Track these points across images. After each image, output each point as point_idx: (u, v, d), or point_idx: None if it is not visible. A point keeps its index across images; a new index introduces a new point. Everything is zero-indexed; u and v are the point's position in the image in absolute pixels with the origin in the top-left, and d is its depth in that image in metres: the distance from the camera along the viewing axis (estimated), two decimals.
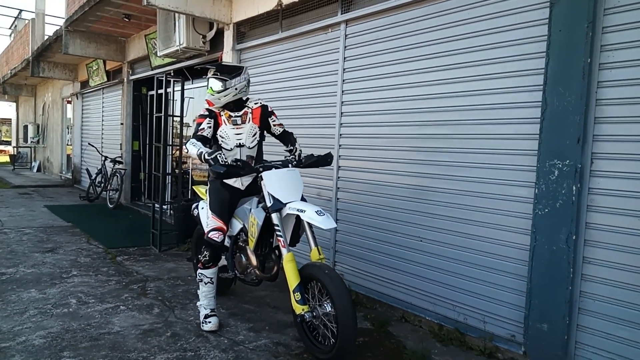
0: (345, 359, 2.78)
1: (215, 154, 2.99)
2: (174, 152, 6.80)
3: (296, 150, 3.42)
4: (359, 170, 4.19)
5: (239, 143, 3.33)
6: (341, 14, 4.32)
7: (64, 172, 13.79)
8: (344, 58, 4.32)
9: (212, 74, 3.30)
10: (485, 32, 3.21)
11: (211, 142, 3.33)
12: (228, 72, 3.28)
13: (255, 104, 3.43)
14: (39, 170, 16.27)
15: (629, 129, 2.56)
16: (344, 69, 4.33)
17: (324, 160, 3.36)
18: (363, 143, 4.14)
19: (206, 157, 3.00)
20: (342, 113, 4.34)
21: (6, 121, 38.82)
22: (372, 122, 4.04)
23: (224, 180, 3.36)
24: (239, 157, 3.29)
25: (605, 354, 2.63)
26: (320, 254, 3.05)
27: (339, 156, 4.33)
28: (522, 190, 2.98)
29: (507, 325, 3.06)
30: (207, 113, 3.33)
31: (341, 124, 4.35)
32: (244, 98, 3.43)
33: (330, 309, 2.83)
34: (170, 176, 7.28)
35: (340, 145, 4.35)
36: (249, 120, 3.35)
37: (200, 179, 7.87)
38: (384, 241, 3.90)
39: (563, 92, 2.73)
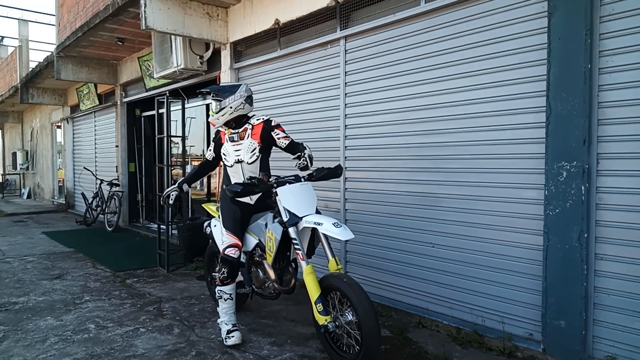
0: None
1: (165, 192, 3.89)
2: (174, 172, 6.83)
3: (303, 157, 3.30)
4: (366, 181, 4.28)
5: (238, 159, 3.40)
6: (340, 30, 4.44)
7: (56, 198, 13.66)
8: (345, 72, 4.44)
9: (211, 96, 3.41)
10: (485, 43, 3.34)
11: (212, 164, 3.77)
12: (224, 92, 3.38)
13: (258, 119, 3.43)
14: (29, 196, 16.09)
15: (631, 129, 2.70)
16: (345, 83, 4.44)
17: (335, 173, 3.42)
18: (369, 154, 4.24)
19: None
20: (346, 125, 4.44)
21: None
22: (377, 133, 4.15)
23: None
24: (241, 174, 3.39)
25: (622, 346, 2.73)
26: (338, 265, 3.11)
27: (345, 167, 4.42)
28: (532, 193, 3.09)
29: (524, 324, 3.15)
30: (214, 136, 3.66)
31: (346, 136, 4.45)
32: (249, 114, 3.51)
33: (352, 317, 2.89)
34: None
35: (346, 157, 4.44)
36: (248, 137, 3.39)
37: (197, 197, 7.90)
38: (396, 249, 3.98)
39: (566, 97, 2.86)
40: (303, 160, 3.29)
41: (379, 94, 4.11)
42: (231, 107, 3.34)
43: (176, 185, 3.83)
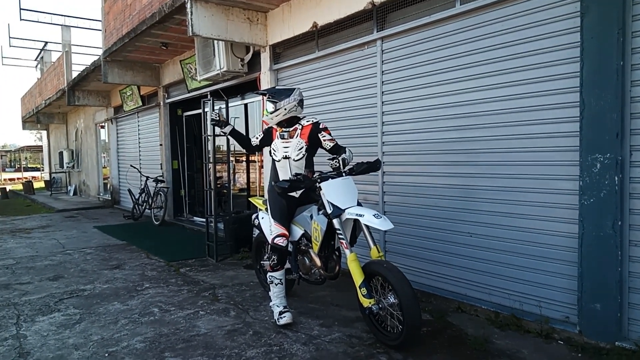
0: (413, 341, 3.09)
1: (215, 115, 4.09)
2: (220, 168, 7.21)
3: (336, 158, 3.46)
4: (403, 175, 4.50)
5: (285, 155, 3.70)
6: (377, 31, 4.66)
7: (101, 194, 14.37)
8: (382, 72, 4.65)
9: (267, 97, 3.71)
10: (519, 42, 3.50)
11: (251, 146, 4.08)
12: (280, 95, 3.67)
13: (307, 121, 3.73)
14: (75, 193, 16.94)
15: None
16: (382, 82, 4.66)
17: (374, 166, 3.66)
18: (406, 149, 4.46)
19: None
20: (383, 122, 4.67)
21: (30, 148, 40.43)
22: (414, 129, 4.36)
23: None
24: (288, 169, 3.69)
25: None
26: (379, 252, 3.37)
27: (383, 162, 4.64)
28: (567, 184, 3.26)
29: (561, 308, 3.33)
30: (265, 129, 3.99)
31: (383, 132, 4.67)
32: (300, 116, 3.80)
33: (394, 299, 3.14)
34: (213, 191, 7.69)
35: (383, 153, 4.67)
36: (297, 136, 3.69)
37: (236, 193, 8.29)
38: (434, 239, 4.20)
39: (599, 93, 3.02)
40: (335, 161, 3.47)
41: (416, 92, 4.32)
42: (285, 109, 3.64)
43: (227, 121, 4.12)
